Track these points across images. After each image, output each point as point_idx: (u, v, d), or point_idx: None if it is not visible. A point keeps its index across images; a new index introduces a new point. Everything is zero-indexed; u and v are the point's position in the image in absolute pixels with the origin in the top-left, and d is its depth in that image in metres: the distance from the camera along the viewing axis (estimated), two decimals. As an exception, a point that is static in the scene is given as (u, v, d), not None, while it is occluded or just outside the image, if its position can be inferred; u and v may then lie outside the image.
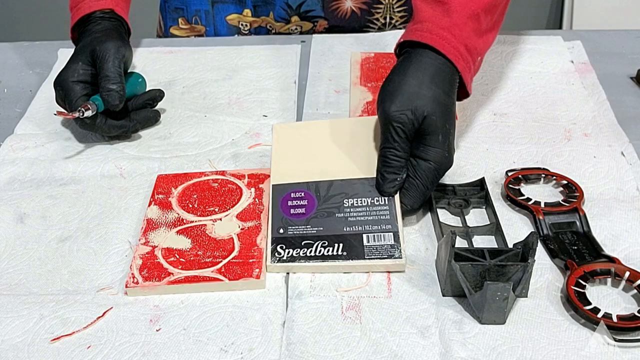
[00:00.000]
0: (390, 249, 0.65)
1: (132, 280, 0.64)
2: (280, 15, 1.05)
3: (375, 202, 0.69)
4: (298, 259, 0.65)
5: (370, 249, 0.65)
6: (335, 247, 0.66)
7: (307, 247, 0.66)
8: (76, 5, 0.91)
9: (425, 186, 0.68)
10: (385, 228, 0.67)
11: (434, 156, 0.68)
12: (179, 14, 1.09)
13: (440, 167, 0.68)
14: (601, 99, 0.88)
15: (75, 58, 0.84)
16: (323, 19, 1.05)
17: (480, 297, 0.59)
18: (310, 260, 0.65)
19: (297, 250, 0.66)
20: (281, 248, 0.66)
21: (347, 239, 0.66)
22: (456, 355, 0.57)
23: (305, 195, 0.70)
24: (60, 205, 0.75)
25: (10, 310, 0.63)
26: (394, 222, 0.67)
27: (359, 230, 0.67)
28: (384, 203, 0.69)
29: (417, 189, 0.68)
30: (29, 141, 0.85)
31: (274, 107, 0.90)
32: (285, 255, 0.66)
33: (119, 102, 0.80)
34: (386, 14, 1.07)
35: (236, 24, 1.08)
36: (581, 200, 0.71)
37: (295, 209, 0.69)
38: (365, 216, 0.68)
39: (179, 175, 0.77)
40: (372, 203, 0.69)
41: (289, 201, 0.70)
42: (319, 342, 0.59)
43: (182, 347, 0.59)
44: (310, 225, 0.68)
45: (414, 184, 0.68)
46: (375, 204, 0.69)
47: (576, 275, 0.63)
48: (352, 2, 1.04)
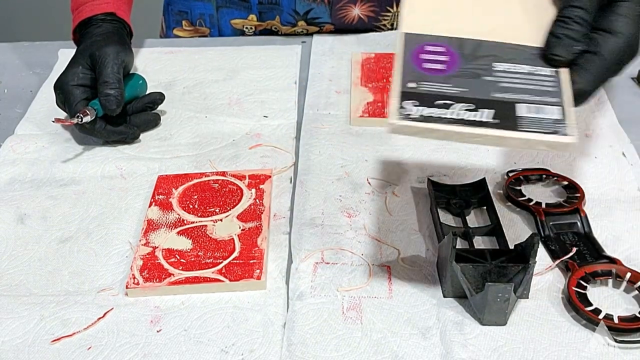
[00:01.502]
0: (555, 124, 0.52)
1: (133, 281, 0.64)
2: (286, 20, 1.05)
3: (537, 71, 0.56)
4: (433, 120, 0.53)
5: (528, 121, 0.53)
6: (483, 113, 0.53)
7: (446, 107, 0.53)
8: (77, 8, 0.91)
9: (607, 66, 0.56)
10: (548, 100, 0.54)
11: (627, 29, 0.56)
12: (183, 17, 1.09)
13: (630, 45, 0.56)
14: (602, 99, 0.88)
15: (75, 61, 0.84)
16: (330, 24, 1.05)
17: (481, 298, 0.59)
18: (450, 123, 0.52)
19: (433, 109, 0.53)
20: (412, 104, 0.54)
21: (498, 105, 0.53)
22: (457, 356, 0.57)
23: (446, 51, 0.57)
24: (60, 206, 0.75)
25: (10, 311, 0.63)
26: (561, 95, 0.54)
27: (513, 98, 0.54)
28: (549, 74, 0.55)
29: (596, 69, 0.56)
30: (29, 142, 0.85)
31: (275, 107, 0.90)
32: (415, 113, 0.53)
33: (116, 107, 0.80)
34: (393, 21, 1.06)
35: (241, 27, 1.08)
36: (582, 200, 0.71)
37: (433, 64, 0.56)
38: (522, 84, 0.55)
39: (179, 176, 0.77)
40: (532, 72, 0.56)
41: (424, 55, 0.57)
42: (320, 343, 0.59)
43: (183, 348, 0.59)
44: (452, 83, 0.55)
45: (593, 62, 0.56)
46: (536, 73, 0.56)
47: (577, 276, 0.63)
48: (360, 10, 1.04)
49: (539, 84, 0.55)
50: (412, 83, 0.55)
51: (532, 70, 0.56)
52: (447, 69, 0.56)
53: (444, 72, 0.56)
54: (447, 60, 0.56)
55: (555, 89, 0.55)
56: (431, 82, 0.55)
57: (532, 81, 0.55)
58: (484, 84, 0.55)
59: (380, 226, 0.71)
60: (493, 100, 0.54)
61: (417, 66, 0.56)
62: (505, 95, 0.54)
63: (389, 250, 0.68)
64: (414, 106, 0.53)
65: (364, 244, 0.69)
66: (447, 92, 0.54)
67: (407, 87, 0.54)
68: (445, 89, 0.54)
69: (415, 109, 0.53)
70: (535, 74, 0.56)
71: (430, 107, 0.53)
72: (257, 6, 1.04)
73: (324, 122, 0.86)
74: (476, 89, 0.54)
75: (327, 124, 0.86)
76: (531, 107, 0.53)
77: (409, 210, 0.73)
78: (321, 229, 0.71)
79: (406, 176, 0.77)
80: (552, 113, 0.53)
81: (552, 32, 0.57)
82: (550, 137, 0.52)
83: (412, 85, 0.54)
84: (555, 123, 0.52)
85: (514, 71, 0.56)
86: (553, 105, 0.53)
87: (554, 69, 0.56)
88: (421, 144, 0.82)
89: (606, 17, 0.56)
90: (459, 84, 0.55)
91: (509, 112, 0.53)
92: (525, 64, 0.56)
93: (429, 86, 0.54)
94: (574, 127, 0.52)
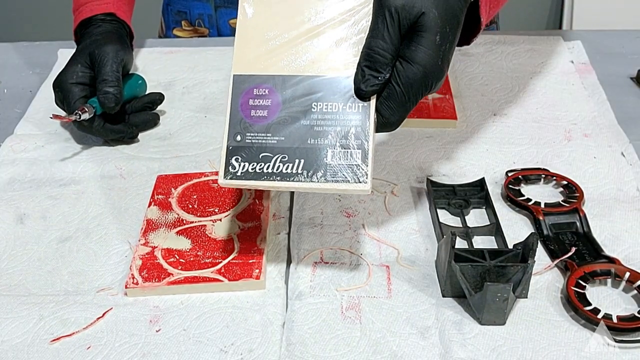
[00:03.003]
0: (356, 171, 0.57)
1: (132, 281, 0.64)
2: None
3: (348, 107, 0.58)
4: (254, 177, 0.58)
5: (333, 169, 0.57)
6: (295, 164, 0.58)
7: (265, 161, 0.58)
8: (78, 9, 0.91)
9: (406, 95, 0.58)
10: (353, 143, 0.58)
11: (424, 59, 0.57)
12: (182, 17, 1.09)
13: (427, 74, 0.58)
14: (601, 99, 0.88)
15: (74, 60, 0.84)
16: None
17: (480, 298, 0.59)
18: (266, 178, 0.58)
19: (254, 164, 0.58)
20: (236, 160, 0.58)
21: (309, 154, 0.58)
22: (456, 356, 0.57)
23: (269, 93, 0.60)
24: (60, 206, 0.75)
25: (10, 311, 0.63)
26: (365, 136, 0.58)
27: (324, 144, 0.58)
28: (358, 111, 0.58)
29: (397, 98, 0.58)
30: (28, 142, 0.85)
31: (274, 107, 0.90)
32: (240, 170, 0.58)
33: (114, 105, 0.80)
34: None
35: None
36: (581, 200, 0.71)
37: (257, 110, 0.59)
38: (333, 126, 0.58)
39: (178, 176, 0.77)
40: (344, 109, 0.58)
41: (251, 99, 0.60)
42: (319, 342, 0.59)
43: (182, 348, 0.59)
44: (271, 133, 0.59)
45: (394, 91, 0.58)
46: (347, 110, 0.58)
47: (576, 276, 0.63)
48: None
49: (349, 124, 0.58)
50: (238, 135, 0.59)
51: (344, 107, 0.59)
52: (268, 115, 0.59)
53: (265, 119, 0.59)
54: (269, 105, 0.59)
55: (362, 129, 0.58)
56: (255, 132, 0.59)
57: (344, 121, 0.58)
58: (301, 129, 0.58)
59: (379, 226, 0.71)
60: (306, 148, 0.58)
61: (244, 115, 0.59)
62: (318, 140, 0.58)
63: (388, 250, 0.68)
64: (239, 162, 0.58)
65: (363, 244, 0.69)
66: (268, 143, 0.58)
67: (234, 140, 0.59)
68: (266, 139, 0.58)
69: (240, 165, 0.58)
70: (347, 111, 0.58)
71: (253, 162, 0.58)
72: None
73: (323, 122, 0.86)
74: (292, 137, 0.58)
75: (327, 124, 0.86)
76: (339, 152, 0.58)
77: (408, 210, 0.73)
78: (320, 228, 0.71)
79: (405, 176, 0.77)
80: (357, 157, 0.58)
81: (359, 64, 0.59)
82: (348, 186, 0.57)
83: (238, 138, 0.59)
84: (357, 169, 0.57)
85: (328, 111, 0.59)
86: (357, 149, 0.58)
87: (364, 104, 0.58)
88: (421, 144, 0.82)
89: (409, 46, 0.58)
90: (278, 132, 0.59)
91: (319, 160, 0.58)
92: (338, 102, 0.59)
93: (253, 138, 0.59)
94: (369, 174, 0.57)
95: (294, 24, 0.61)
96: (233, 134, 0.59)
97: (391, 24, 0.57)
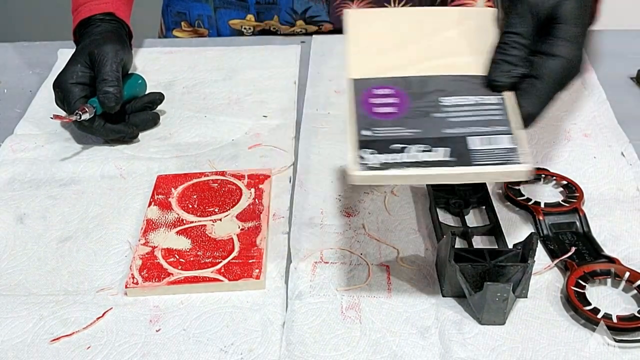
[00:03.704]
0: (508, 153, 0.54)
1: (132, 281, 0.64)
2: (285, 19, 1.05)
3: (483, 101, 0.57)
4: (393, 166, 0.54)
5: (481, 154, 0.54)
6: (439, 152, 0.54)
7: (402, 151, 0.54)
8: (77, 9, 0.91)
9: (548, 87, 0.57)
10: (498, 130, 0.55)
11: (563, 51, 0.56)
12: (181, 17, 1.09)
13: (570, 67, 0.57)
14: (601, 99, 0.88)
15: (74, 60, 0.84)
16: (328, 22, 1.05)
17: (480, 297, 0.59)
18: (408, 167, 0.54)
19: (390, 155, 0.54)
20: (369, 153, 0.55)
21: (450, 143, 0.55)
22: (456, 355, 0.57)
23: (394, 92, 0.58)
24: (60, 206, 0.75)
25: (9, 310, 0.63)
26: (509, 123, 0.55)
27: (464, 133, 0.55)
28: (496, 102, 0.57)
29: (538, 90, 0.57)
30: (28, 141, 0.85)
31: (274, 107, 0.90)
32: (374, 161, 0.54)
33: (114, 104, 0.81)
34: None
35: (239, 28, 1.08)
36: (581, 200, 0.71)
37: (383, 108, 0.57)
38: (471, 116, 0.56)
39: (178, 176, 0.77)
40: (479, 102, 0.57)
41: (373, 99, 0.58)
42: (319, 342, 0.59)
43: (182, 348, 0.59)
44: (404, 126, 0.56)
45: (535, 85, 0.57)
46: (483, 102, 0.57)
47: (576, 275, 0.63)
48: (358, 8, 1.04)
49: (487, 114, 0.56)
50: (366, 131, 0.56)
51: (478, 100, 0.57)
52: (397, 111, 0.57)
53: (394, 115, 0.57)
54: (396, 102, 0.57)
55: (502, 117, 0.56)
56: (384, 127, 0.56)
57: (480, 112, 0.56)
58: (434, 121, 0.56)
59: (379, 226, 0.71)
60: (445, 137, 0.55)
61: (368, 112, 0.57)
62: (456, 130, 0.55)
63: (388, 250, 0.68)
64: (371, 154, 0.54)
65: (363, 244, 0.69)
66: (401, 136, 0.55)
67: (362, 135, 0.56)
68: (398, 132, 0.55)
69: (372, 157, 0.54)
70: (482, 103, 0.57)
71: (386, 153, 0.54)
72: (255, 6, 1.04)
73: (323, 122, 0.86)
74: (428, 128, 0.56)
75: (327, 124, 0.86)
76: (483, 139, 0.55)
77: (408, 209, 0.73)
78: (320, 228, 0.71)
79: (405, 176, 0.77)
80: (504, 142, 0.55)
81: (492, 58, 0.58)
82: (504, 168, 0.53)
83: (366, 132, 0.56)
84: (508, 152, 0.54)
85: (461, 104, 0.57)
86: (503, 134, 0.55)
87: (500, 96, 0.57)
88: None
89: (545, 40, 0.57)
90: (411, 125, 0.56)
91: (462, 147, 0.54)
92: (471, 95, 0.57)
93: (383, 131, 0.56)
94: (527, 154, 0.54)
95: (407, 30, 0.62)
96: (360, 130, 0.56)
97: (526, 17, 0.56)
